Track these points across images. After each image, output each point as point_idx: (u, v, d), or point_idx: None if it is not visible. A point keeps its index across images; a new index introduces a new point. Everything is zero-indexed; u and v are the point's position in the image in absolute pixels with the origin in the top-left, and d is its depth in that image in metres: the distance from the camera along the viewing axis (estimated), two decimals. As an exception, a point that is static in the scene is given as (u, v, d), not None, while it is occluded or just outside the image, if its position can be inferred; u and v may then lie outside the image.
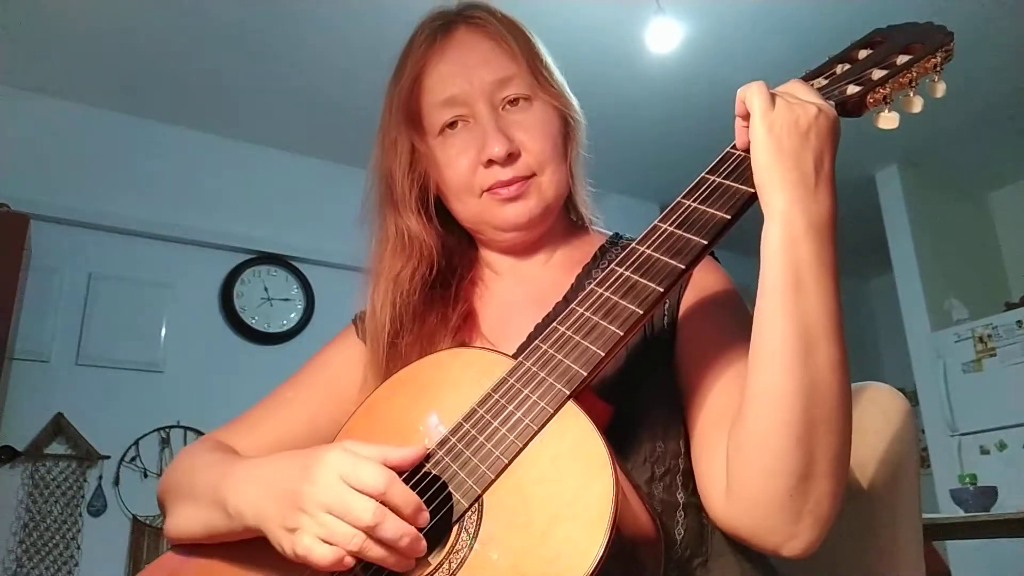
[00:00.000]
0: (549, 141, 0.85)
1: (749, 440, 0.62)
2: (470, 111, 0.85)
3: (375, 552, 0.59)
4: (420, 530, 0.61)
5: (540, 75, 0.87)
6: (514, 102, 0.85)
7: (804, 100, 0.65)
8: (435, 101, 0.86)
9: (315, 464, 0.63)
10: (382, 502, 0.60)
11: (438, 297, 0.88)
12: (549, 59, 0.90)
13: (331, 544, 0.59)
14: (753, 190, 0.65)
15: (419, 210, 0.88)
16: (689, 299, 0.83)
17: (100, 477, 3.08)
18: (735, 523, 0.66)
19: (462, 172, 0.85)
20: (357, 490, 0.60)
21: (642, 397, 0.77)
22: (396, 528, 0.59)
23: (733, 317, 0.80)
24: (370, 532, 0.59)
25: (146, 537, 3.06)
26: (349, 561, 0.60)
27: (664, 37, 2.96)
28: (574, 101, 0.91)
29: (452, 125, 0.86)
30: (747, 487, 0.63)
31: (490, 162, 0.83)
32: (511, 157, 0.83)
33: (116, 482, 3.11)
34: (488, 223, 0.87)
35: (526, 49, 0.87)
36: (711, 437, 0.70)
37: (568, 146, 0.89)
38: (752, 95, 0.65)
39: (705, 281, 0.84)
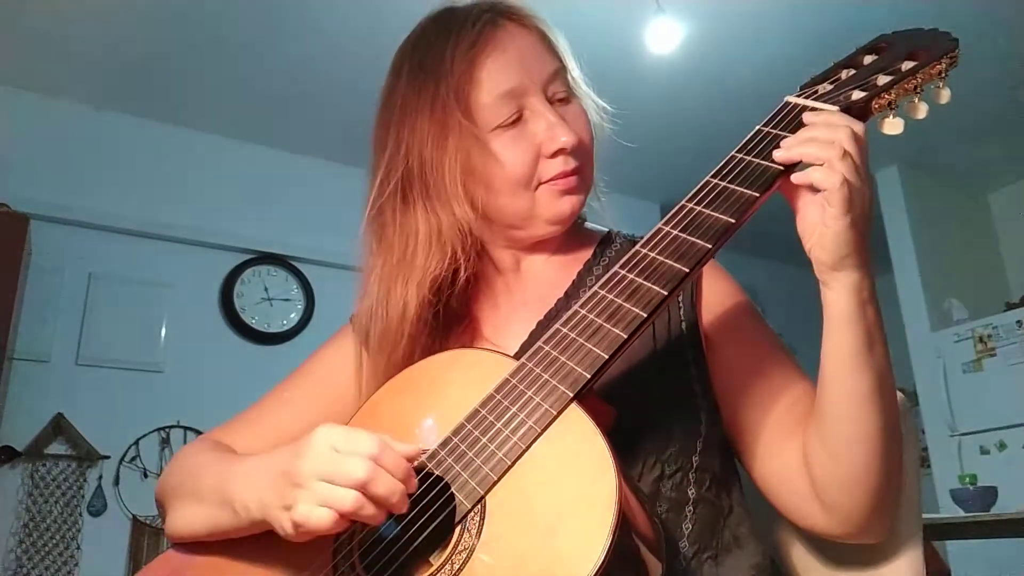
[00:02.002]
0: (589, 137, 0.87)
1: (850, 480, 0.70)
2: (526, 103, 0.83)
3: (369, 510, 0.60)
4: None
5: (574, 73, 0.89)
6: (559, 96, 0.85)
7: (863, 178, 0.64)
8: (493, 94, 0.82)
9: (307, 441, 0.63)
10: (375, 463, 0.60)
11: (445, 314, 0.84)
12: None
13: (327, 507, 0.60)
14: (758, 194, 0.66)
15: (471, 203, 0.83)
16: (711, 305, 0.85)
17: (100, 477, 3.08)
18: (836, 533, 0.74)
19: (524, 164, 0.82)
20: (346, 453, 0.61)
21: (653, 400, 0.78)
22: (389, 484, 0.60)
23: (761, 323, 0.85)
24: (363, 488, 0.59)
25: (146, 537, 3.06)
26: (344, 522, 0.60)
27: (664, 37, 2.96)
28: (597, 98, 0.92)
29: (515, 122, 0.83)
30: (853, 513, 0.72)
31: (557, 152, 0.82)
32: (577, 147, 0.83)
33: (116, 482, 3.11)
34: (539, 216, 0.84)
35: (563, 47, 0.89)
36: (784, 449, 0.76)
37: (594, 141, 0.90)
38: (832, 184, 0.63)
39: (721, 286, 0.86)
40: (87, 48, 2.99)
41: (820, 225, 0.64)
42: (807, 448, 0.72)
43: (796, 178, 0.66)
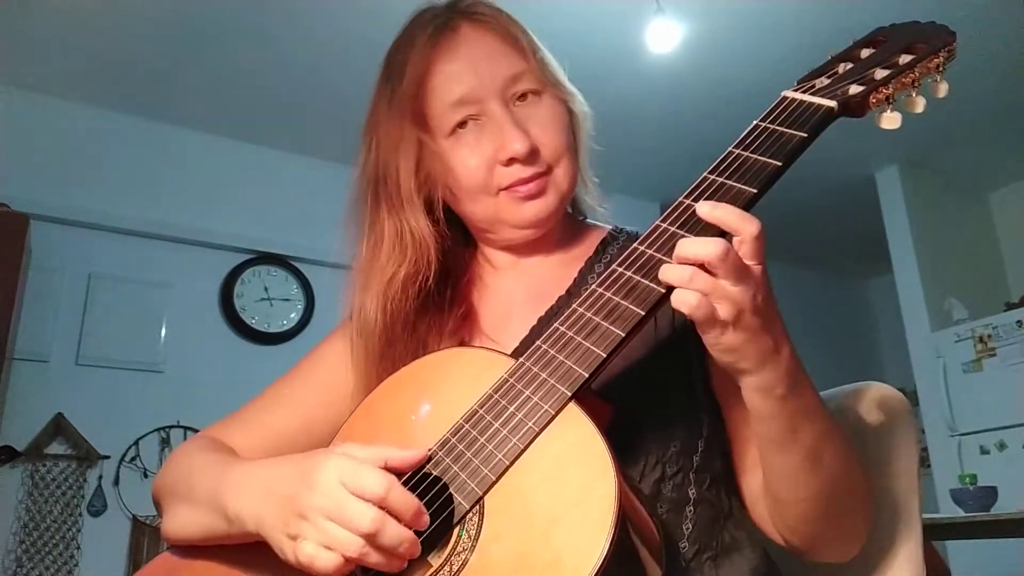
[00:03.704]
0: (561, 134, 0.84)
1: (795, 523, 0.72)
2: (481, 109, 0.82)
3: (375, 558, 0.59)
4: (420, 533, 0.61)
5: (546, 68, 0.86)
6: (523, 97, 0.84)
7: (741, 276, 0.58)
8: (445, 102, 0.83)
9: (315, 470, 0.62)
10: (382, 507, 0.59)
11: (432, 304, 0.86)
12: (547, 51, 0.89)
13: (333, 551, 0.59)
14: (755, 190, 0.64)
15: (426, 210, 0.86)
16: None
17: (100, 477, 3.08)
18: (801, 553, 0.76)
19: (478, 172, 0.82)
20: (357, 495, 0.59)
21: (655, 399, 0.77)
22: (395, 535, 0.59)
23: None
24: (369, 540, 0.58)
25: (146, 537, 3.06)
26: (349, 567, 0.60)
27: (664, 37, 2.96)
28: (577, 93, 0.90)
29: (463, 124, 0.83)
30: (808, 543, 0.74)
31: (511, 160, 0.81)
32: (531, 153, 0.81)
33: (116, 482, 3.11)
34: (505, 222, 0.85)
35: (530, 42, 0.86)
36: (756, 470, 0.76)
37: (576, 138, 0.88)
38: (685, 305, 0.58)
39: None
40: (87, 48, 2.99)
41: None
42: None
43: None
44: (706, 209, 0.61)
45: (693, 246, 0.59)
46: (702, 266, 0.59)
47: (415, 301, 0.85)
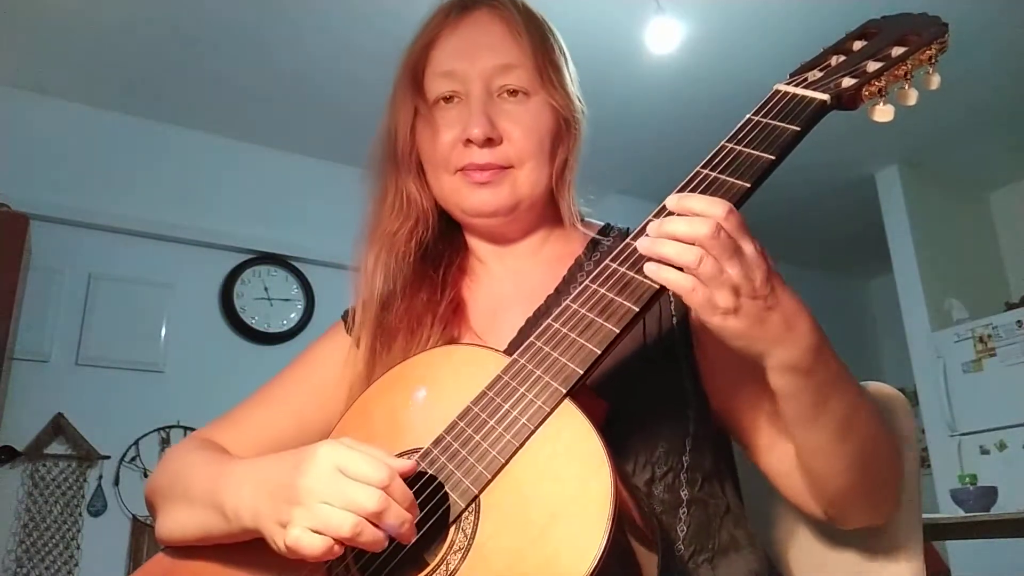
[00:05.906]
0: (535, 137, 0.85)
1: (833, 495, 0.73)
2: (465, 89, 0.85)
3: (367, 537, 0.58)
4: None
5: (545, 72, 0.86)
6: (512, 93, 0.85)
7: (733, 251, 0.58)
8: (436, 71, 0.87)
9: (310, 458, 0.62)
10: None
11: (429, 274, 0.89)
12: (563, 60, 0.90)
13: (322, 534, 0.58)
14: (748, 184, 0.64)
15: (418, 173, 0.90)
16: None
17: (100, 477, 3.08)
18: (838, 524, 0.77)
19: (443, 146, 0.85)
20: (355, 480, 0.59)
21: (643, 399, 0.77)
22: (398, 515, 0.59)
23: None
24: (375, 519, 0.58)
25: (146, 537, 3.06)
26: (338, 549, 0.59)
27: (664, 37, 2.96)
28: (579, 107, 0.90)
29: (448, 100, 0.86)
30: (846, 511, 0.75)
31: (468, 142, 0.84)
32: (490, 142, 0.83)
33: (116, 482, 3.11)
34: (457, 204, 0.87)
35: (538, 43, 0.87)
36: (781, 445, 0.76)
37: (557, 148, 0.87)
38: (684, 291, 0.58)
39: None
40: (87, 48, 2.99)
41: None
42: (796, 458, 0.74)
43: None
44: (673, 201, 0.62)
45: (680, 224, 0.59)
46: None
47: (416, 260, 0.88)
